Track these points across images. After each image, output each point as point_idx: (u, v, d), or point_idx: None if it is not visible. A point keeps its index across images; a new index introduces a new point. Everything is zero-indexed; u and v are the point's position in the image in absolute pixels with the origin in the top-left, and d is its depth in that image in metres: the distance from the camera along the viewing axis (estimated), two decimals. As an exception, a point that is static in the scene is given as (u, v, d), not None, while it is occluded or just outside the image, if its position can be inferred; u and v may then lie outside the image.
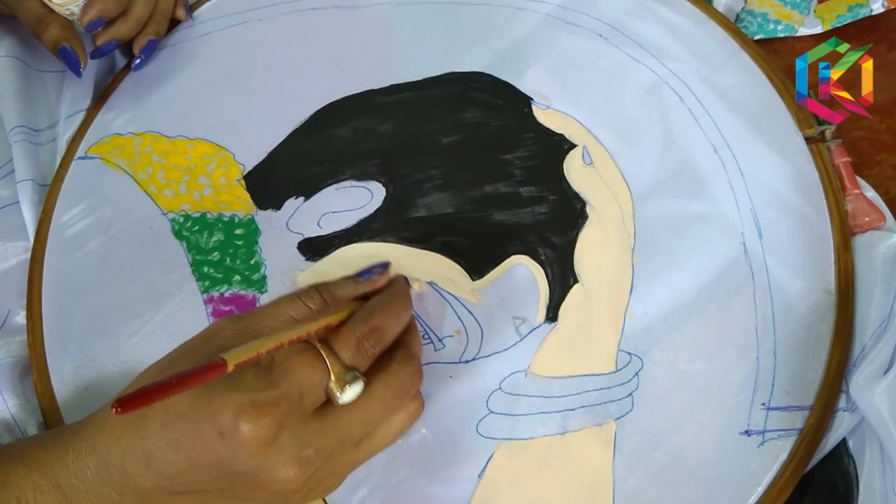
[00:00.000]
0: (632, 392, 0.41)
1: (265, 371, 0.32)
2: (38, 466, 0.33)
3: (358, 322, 0.34)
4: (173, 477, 0.32)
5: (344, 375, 0.32)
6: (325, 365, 0.32)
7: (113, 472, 0.32)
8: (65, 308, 0.48)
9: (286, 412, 0.31)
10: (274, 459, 0.31)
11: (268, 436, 0.30)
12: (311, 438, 0.32)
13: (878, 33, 0.52)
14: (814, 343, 0.42)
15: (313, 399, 0.32)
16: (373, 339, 0.34)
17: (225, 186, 0.50)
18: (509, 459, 0.40)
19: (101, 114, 0.55)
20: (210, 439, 0.30)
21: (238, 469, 0.31)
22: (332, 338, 0.33)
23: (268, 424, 0.30)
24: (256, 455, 0.30)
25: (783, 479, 0.39)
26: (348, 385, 0.32)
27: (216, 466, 0.31)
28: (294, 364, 0.32)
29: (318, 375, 0.32)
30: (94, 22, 0.51)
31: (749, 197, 0.46)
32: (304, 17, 0.58)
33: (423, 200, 0.48)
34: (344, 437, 0.33)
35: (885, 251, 0.43)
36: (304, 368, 0.32)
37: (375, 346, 0.34)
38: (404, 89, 0.53)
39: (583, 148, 0.49)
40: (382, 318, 0.35)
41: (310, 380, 0.32)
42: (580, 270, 0.45)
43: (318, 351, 0.32)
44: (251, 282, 0.47)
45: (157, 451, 0.31)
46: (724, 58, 0.51)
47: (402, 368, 0.35)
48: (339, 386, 0.32)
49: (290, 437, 0.31)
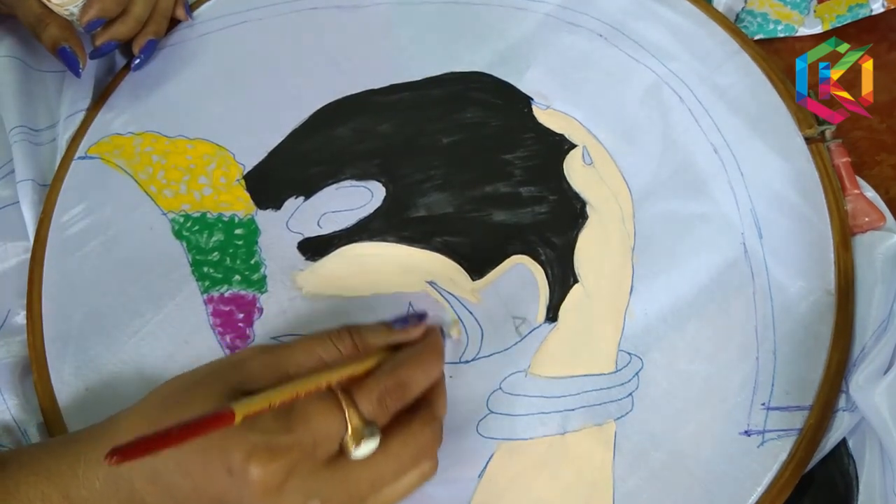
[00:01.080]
0: (632, 392, 0.41)
1: (284, 413, 0.31)
2: (48, 476, 0.33)
3: (384, 375, 0.33)
4: (178, 501, 0.31)
5: (362, 430, 0.31)
6: (343, 416, 0.31)
7: (121, 484, 0.32)
8: (65, 308, 0.48)
9: (298, 459, 0.30)
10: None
11: (276, 481, 0.30)
12: (319, 488, 0.31)
13: (878, 33, 0.52)
14: (813, 343, 0.42)
15: (327, 449, 0.31)
16: (396, 395, 0.32)
17: (225, 186, 0.50)
18: (509, 459, 0.40)
19: (101, 114, 0.55)
20: (219, 474, 0.30)
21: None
22: (354, 388, 0.32)
23: (278, 470, 0.30)
24: (262, 499, 0.30)
25: (783, 479, 0.39)
26: (364, 440, 0.31)
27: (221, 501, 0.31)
28: (313, 411, 0.31)
29: (336, 426, 0.31)
30: (93, 22, 0.51)
31: (749, 197, 0.46)
32: (304, 16, 0.58)
33: (423, 200, 0.48)
34: (352, 493, 0.32)
35: (885, 251, 0.43)
36: (322, 417, 0.31)
37: (398, 402, 0.33)
38: (404, 89, 0.53)
39: (583, 148, 0.49)
40: (410, 374, 0.33)
41: (326, 430, 0.31)
42: (580, 270, 0.45)
43: (339, 400, 0.31)
44: (251, 282, 0.47)
45: (166, 473, 0.31)
46: (724, 58, 0.51)
47: (422, 429, 0.33)
48: (356, 440, 0.31)
49: (299, 485, 0.30)
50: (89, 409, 0.44)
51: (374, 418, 0.32)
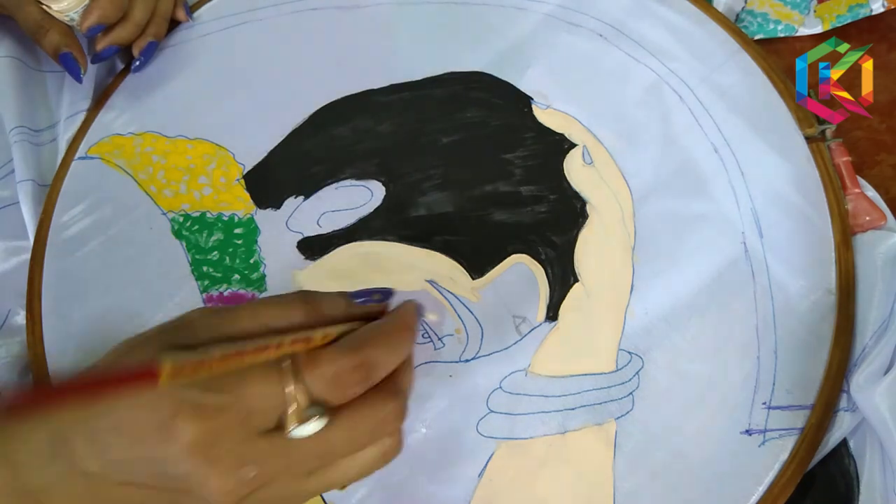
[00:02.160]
0: (632, 391, 0.41)
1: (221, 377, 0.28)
2: None
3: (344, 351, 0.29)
4: (115, 464, 0.29)
5: (304, 410, 0.28)
6: (282, 391, 0.28)
7: (61, 448, 0.30)
8: (65, 308, 0.48)
9: (228, 423, 0.28)
10: (207, 468, 0.28)
11: (203, 442, 0.27)
12: (254, 457, 0.28)
13: (878, 33, 0.52)
14: (815, 342, 0.41)
15: (263, 421, 0.28)
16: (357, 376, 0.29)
17: (225, 186, 0.50)
18: (509, 459, 0.40)
19: (102, 114, 0.55)
20: (149, 429, 0.28)
21: (171, 471, 0.28)
22: (307, 361, 0.28)
23: (205, 430, 0.27)
24: (189, 458, 0.28)
25: (784, 479, 0.38)
26: (306, 421, 0.28)
27: (153, 461, 0.29)
28: (252, 379, 0.28)
29: (273, 401, 0.28)
30: (93, 27, 0.51)
31: (749, 196, 0.46)
32: (304, 17, 0.58)
33: (423, 199, 0.48)
34: (293, 465, 0.29)
35: (886, 251, 0.43)
36: (259, 387, 0.28)
37: (359, 385, 0.29)
38: (404, 89, 0.53)
39: (583, 147, 0.49)
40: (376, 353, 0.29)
41: (262, 402, 0.28)
42: (580, 270, 0.45)
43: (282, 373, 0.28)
44: (250, 281, 0.47)
45: (102, 432, 0.29)
46: (724, 57, 0.51)
47: (383, 403, 0.30)
48: (296, 418, 0.28)
49: (229, 450, 0.28)
50: (88, 409, 0.44)
51: (324, 398, 0.28)
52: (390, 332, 0.31)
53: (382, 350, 0.30)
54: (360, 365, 0.29)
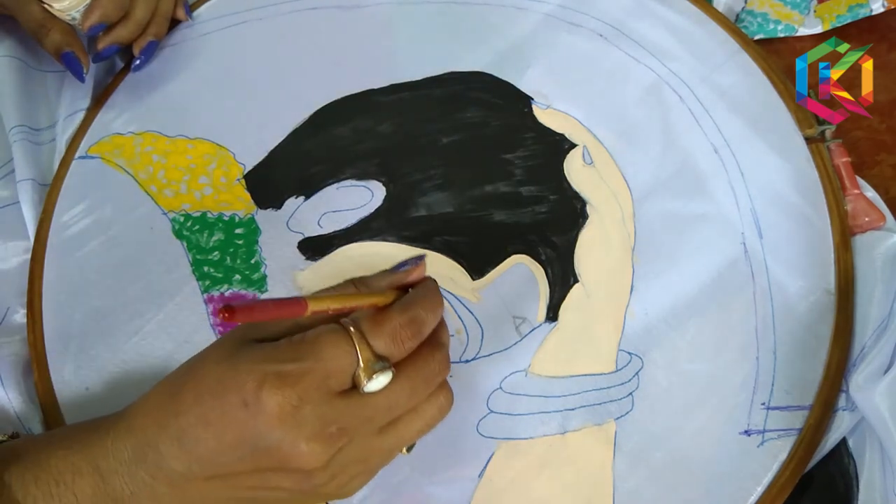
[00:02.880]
0: (632, 392, 0.41)
1: (294, 345, 0.31)
2: (79, 448, 0.34)
3: (396, 311, 0.33)
4: (203, 458, 0.32)
5: (373, 364, 0.31)
6: (354, 350, 0.31)
7: (148, 452, 0.32)
8: (65, 308, 0.48)
9: (310, 387, 0.30)
10: (296, 433, 0.30)
11: (289, 407, 0.30)
12: (335, 416, 0.31)
13: (878, 33, 0.52)
14: (813, 343, 0.42)
15: (339, 381, 0.31)
16: (410, 331, 0.33)
17: (225, 186, 0.50)
18: (510, 459, 0.40)
19: (102, 113, 0.55)
20: (235, 411, 0.30)
21: (261, 444, 0.31)
22: (367, 324, 0.32)
23: (290, 395, 0.30)
24: (278, 426, 0.30)
25: (783, 479, 0.39)
26: (375, 374, 0.31)
27: (242, 442, 0.31)
28: (323, 343, 0.31)
29: (347, 360, 0.31)
30: (95, 27, 0.51)
31: (749, 197, 0.46)
32: (305, 16, 0.58)
33: (423, 200, 0.48)
34: (369, 418, 0.32)
35: (885, 251, 0.43)
36: (333, 349, 0.31)
37: (413, 339, 0.33)
38: (404, 89, 0.53)
39: (583, 147, 0.49)
40: (420, 311, 0.33)
41: (337, 362, 0.31)
42: (580, 270, 0.45)
43: (351, 335, 0.32)
44: (251, 281, 0.47)
45: (189, 429, 0.31)
46: (724, 58, 0.51)
47: (431, 355, 0.34)
48: (367, 374, 0.31)
49: (313, 411, 0.31)
50: (89, 408, 0.44)
51: (387, 353, 0.32)
52: (426, 295, 0.35)
53: (425, 309, 0.34)
54: (411, 321, 0.33)
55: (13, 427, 0.44)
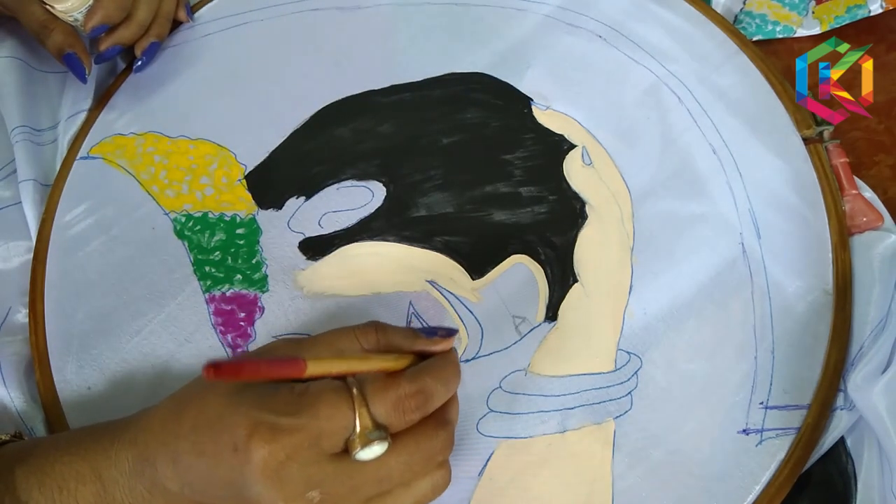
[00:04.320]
0: (631, 391, 0.42)
1: (295, 397, 0.31)
2: (84, 455, 0.34)
3: (406, 380, 0.31)
4: (193, 484, 0.32)
5: (369, 432, 0.30)
6: (353, 413, 0.30)
7: (146, 468, 0.32)
8: (67, 307, 0.48)
9: (300, 445, 0.30)
10: (276, 492, 0.30)
11: (275, 462, 0.29)
12: (321, 480, 0.30)
13: (877, 34, 0.52)
14: (812, 342, 0.42)
15: (332, 443, 0.30)
16: (416, 402, 0.31)
17: (226, 186, 0.51)
18: (509, 458, 0.41)
19: (103, 114, 0.55)
20: (226, 453, 0.30)
21: (244, 493, 0.30)
22: (371, 387, 0.31)
23: (277, 450, 0.29)
24: (261, 480, 0.30)
25: (781, 478, 0.39)
26: (370, 443, 0.30)
27: (229, 483, 0.31)
28: (324, 401, 0.30)
29: (343, 422, 0.30)
30: (97, 28, 0.51)
31: (747, 197, 0.46)
32: (305, 17, 0.58)
33: (423, 200, 0.48)
34: (356, 488, 0.31)
35: (883, 251, 0.43)
36: (331, 409, 0.30)
37: (417, 411, 0.31)
38: (405, 90, 0.53)
39: (582, 148, 0.49)
40: (432, 384, 0.32)
41: (332, 423, 0.30)
42: (580, 270, 0.45)
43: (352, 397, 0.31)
44: (252, 281, 0.47)
45: (184, 455, 0.31)
46: (722, 59, 0.51)
47: (434, 432, 0.32)
48: (361, 442, 0.30)
49: (299, 471, 0.30)
50: (91, 408, 0.44)
51: (386, 422, 0.31)
52: (443, 368, 0.33)
53: (437, 382, 0.32)
54: (418, 392, 0.31)
55: (15, 426, 0.45)
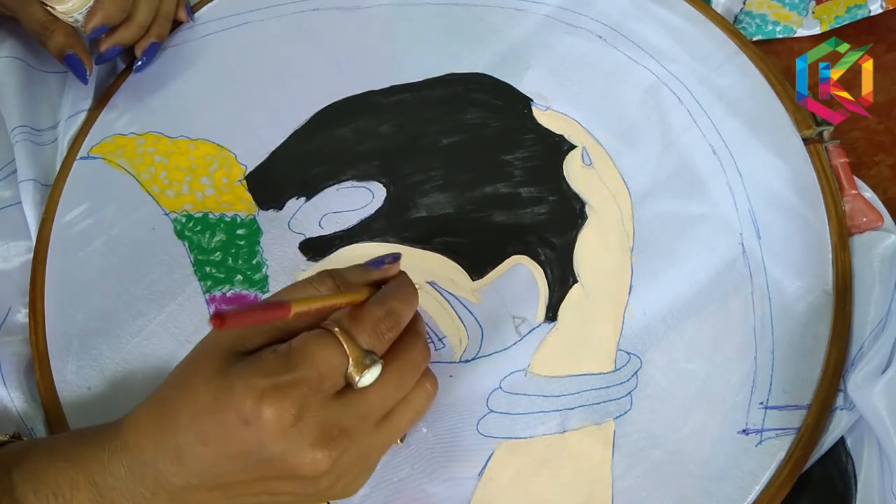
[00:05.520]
0: (631, 391, 0.42)
1: (283, 356, 0.32)
2: (77, 461, 0.34)
3: (374, 306, 0.34)
4: (203, 472, 0.32)
5: (363, 359, 0.32)
6: (343, 349, 0.32)
7: (145, 471, 0.32)
8: (67, 307, 0.48)
9: (307, 394, 0.31)
10: (300, 442, 0.31)
11: (290, 417, 0.30)
12: (335, 419, 0.32)
13: (877, 34, 0.52)
14: (811, 342, 0.42)
15: (333, 382, 0.32)
16: (389, 323, 0.34)
17: (227, 187, 0.51)
18: (509, 458, 0.41)
19: (104, 114, 0.55)
20: (236, 429, 0.31)
21: (265, 455, 0.31)
22: (348, 322, 0.33)
23: (289, 406, 0.30)
24: (282, 438, 0.30)
25: (781, 478, 0.39)
26: (367, 369, 0.32)
27: (244, 455, 0.31)
28: (312, 348, 0.32)
29: (337, 359, 0.32)
30: (97, 28, 0.51)
31: (747, 197, 0.46)
32: (305, 17, 0.58)
33: (423, 201, 0.48)
34: (365, 415, 0.33)
35: (883, 251, 0.43)
36: (323, 352, 0.32)
37: (392, 330, 0.34)
38: (405, 90, 0.53)
39: (582, 149, 0.49)
40: (397, 304, 0.35)
41: (329, 363, 0.32)
42: (579, 270, 0.45)
43: (336, 336, 0.32)
44: (253, 282, 0.47)
45: (188, 447, 0.32)
46: (722, 59, 0.51)
47: (412, 343, 0.35)
48: (359, 370, 0.32)
49: (313, 418, 0.31)
50: (92, 408, 0.45)
51: (372, 347, 0.33)
52: (400, 288, 0.36)
53: (400, 301, 0.35)
54: (387, 313, 0.34)
55: (15, 426, 0.45)
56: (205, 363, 0.33)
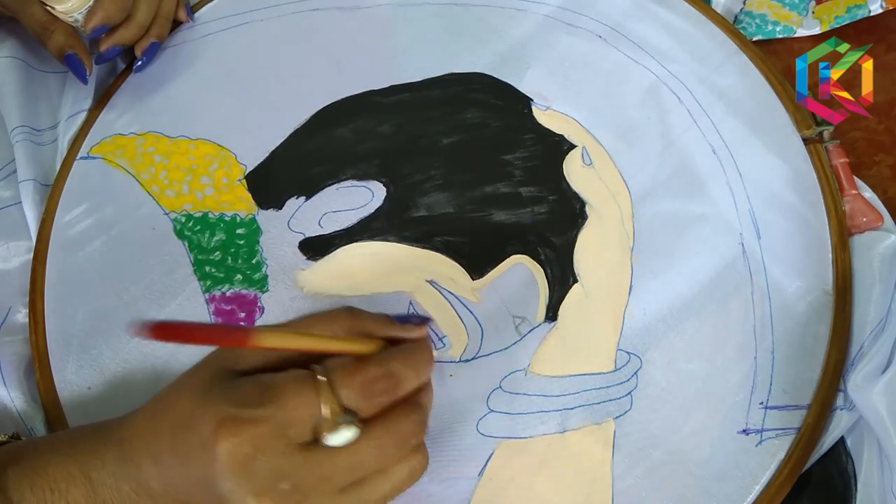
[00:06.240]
0: (631, 391, 0.42)
1: (260, 389, 0.30)
2: (76, 455, 0.34)
3: (372, 363, 0.31)
4: (173, 484, 0.32)
5: (337, 417, 0.30)
6: (318, 399, 0.30)
7: (131, 469, 0.32)
8: (67, 307, 0.48)
9: (267, 436, 0.29)
10: (245, 486, 0.29)
11: (241, 455, 0.29)
12: (290, 471, 0.29)
13: (877, 34, 0.52)
14: (811, 342, 0.42)
15: (298, 432, 0.30)
16: (384, 385, 0.31)
17: (227, 186, 0.51)
18: (509, 458, 0.41)
19: (104, 114, 0.55)
20: (196, 450, 0.30)
21: (214, 489, 0.30)
22: (339, 373, 0.30)
23: (243, 443, 0.29)
24: (229, 475, 0.29)
25: (781, 478, 0.39)
26: (339, 428, 0.30)
27: (202, 481, 0.30)
28: (288, 390, 0.30)
29: (309, 410, 0.30)
30: (97, 28, 0.51)
31: (747, 197, 0.46)
32: (305, 17, 0.58)
33: (423, 200, 0.48)
34: (327, 477, 0.30)
35: (883, 251, 0.43)
36: (297, 398, 0.30)
37: (386, 394, 0.31)
38: (405, 90, 0.53)
39: (582, 148, 0.49)
40: (401, 368, 0.31)
41: (298, 411, 0.29)
42: (580, 270, 0.45)
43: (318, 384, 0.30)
44: (253, 281, 0.47)
45: (163, 455, 0.31)
46: (722, 59, 0.51)
47: (406, 415, 0.32)
48: (329, 427, 0.30)
49: (267, 463, 0.29)
50: (91, 408, 0.44)
51: (355, 407, 0.30)
52: (414, 353, 0.33)
53: (407, 367, 0.32)
54: (386, 375, 0.31)
55: (15, 426, 0.45)
56: (197, 375, 0.33)
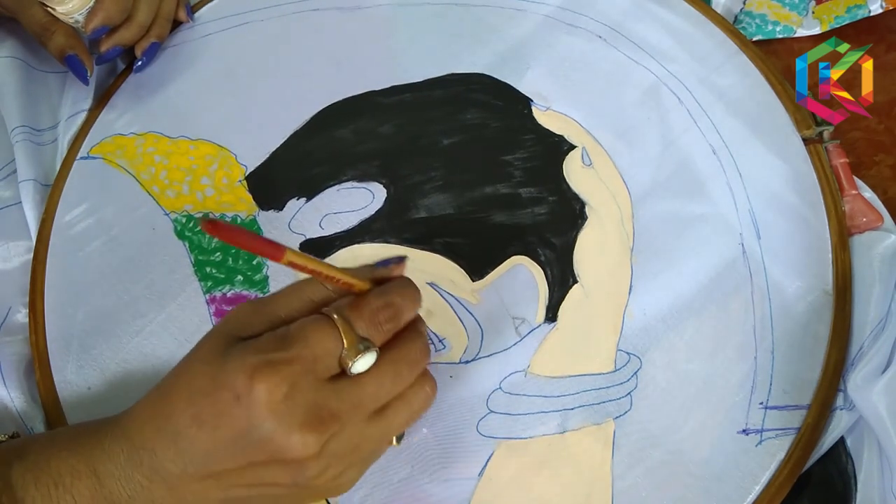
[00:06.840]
0: (630, 391, 0.42)
1: (280, 337, 0.32)
2: (79, 450, 0.34)
3: (373, 297, 0.34)
4: (196, 457, 0.32)
5: (357, 345, 0.32)
6: (338, 334, 0.32)
7: (143, 456, 0.33)
8: (68, 307, 0.48)
9: (299, 373, 0.31)
10: (288, 421, 0.31)
11: (280, 394, 0.30)
12: (325, 401, 0.32)
13: (877, 34, 0.52)
14: (811, 343, 0.42)
15: (327, 365, 0.32)
16: (387, 314, 0.34)
17: (227, 187, 0.51)
18: (509, 458, 0.41)
19: (104, 114, 0.56)
20: (228, 407, 0.31)
21: (255, 437, 0.31)
22: (347, 310, 0.33)
23: (281, 382, 0.30)
24: (271, 415, 0.30)
25: (781, 478, 0.39)
26: (361, 354, 0.32)
27: (237, 437, 0.31)
28: (308, 331, 0.32)
29: (332, 343, 0.32)
30: (98, 29, 0.51)
31: (747, 197, 0.46)
32: (306, 18, 0.58)
33: (423, 201, 0.48)
34: (358, 404, 0.33)
35: (883, 251, 0.44)
36: (318, 334, 0.32)
37: (390, 321, 0.34)
38: (405, 90, 0.53)
39: (582, 149, 0.49)
40: (398, 298, 0.35)
41: (323, 346, 0.32)
42: (579, 271, 0.45)
43: (333, 321, 0.32)
44: (253, 282, 0.47)
45: (183, 430, 0.32)
46: (722, 59, 0.51)
47: (411, 340, 0.35)
48: (352, 354, 0.32)
49: (304, 397, 0.31)
50: (92, 408, 0.45)
51: (368, 335, 0.33)
52: (404, 286, 0.36)
53: (402, 297, 0.35)
54: (387, 305, 0.34)
55: (15, 426, 0.45)
56: (204, 348, 0.33)
